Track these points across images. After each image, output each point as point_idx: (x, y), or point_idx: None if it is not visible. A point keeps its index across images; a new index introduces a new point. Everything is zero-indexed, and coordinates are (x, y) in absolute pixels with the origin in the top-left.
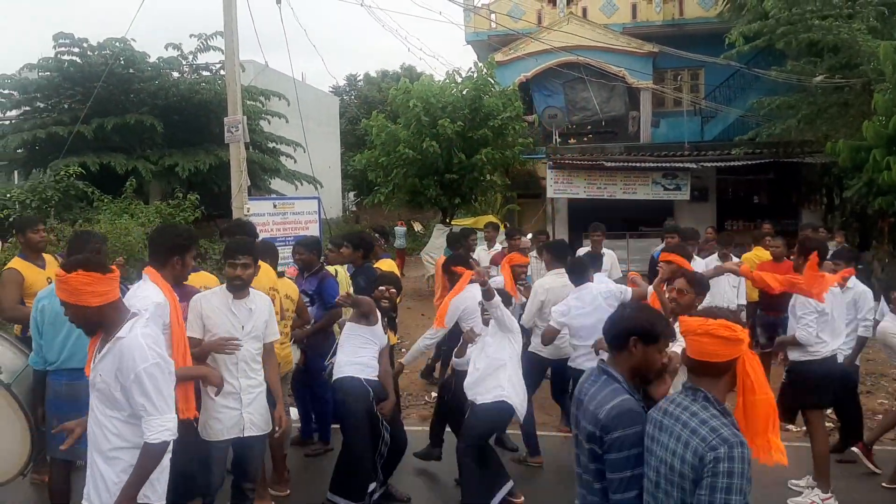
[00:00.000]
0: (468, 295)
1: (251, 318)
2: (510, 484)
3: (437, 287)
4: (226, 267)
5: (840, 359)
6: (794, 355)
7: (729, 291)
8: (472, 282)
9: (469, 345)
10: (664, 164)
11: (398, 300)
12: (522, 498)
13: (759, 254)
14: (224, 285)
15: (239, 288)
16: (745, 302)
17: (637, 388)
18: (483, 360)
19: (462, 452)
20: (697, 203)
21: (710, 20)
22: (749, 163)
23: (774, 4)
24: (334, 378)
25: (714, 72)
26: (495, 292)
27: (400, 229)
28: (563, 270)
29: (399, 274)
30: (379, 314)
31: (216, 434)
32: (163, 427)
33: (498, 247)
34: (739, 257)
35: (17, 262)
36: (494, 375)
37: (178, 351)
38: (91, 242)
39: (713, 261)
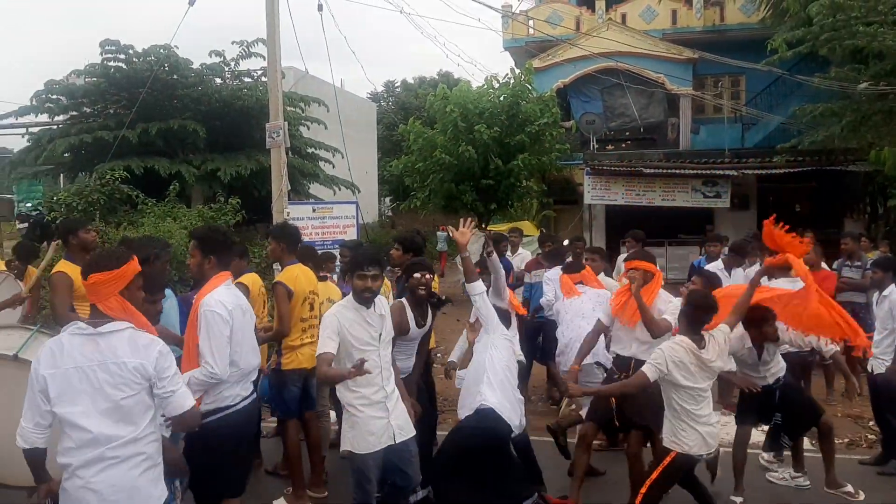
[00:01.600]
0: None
1: (383, 324)
2: None
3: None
4: (355, 279)
5: (881, 369)
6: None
7: None
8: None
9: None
10: (704, 171)
11: (436, 285)
12: None
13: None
14: (349, 297)
15: (369, 300)
16: None
17: None
18: (470, 368)
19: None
20: (738, 211)
21: (751, 26)
22: (791, 171)
23: (818, 10)
24: None
25: (755, 78)
26: (476, 275)
27: (441, 234)
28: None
29: (440, 275)
30: (411, 316)
31: (370, 446)
32: None
33: (528, 253)
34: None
35: (64, 266)
36: (475, 384)
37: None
38: (153, 248)
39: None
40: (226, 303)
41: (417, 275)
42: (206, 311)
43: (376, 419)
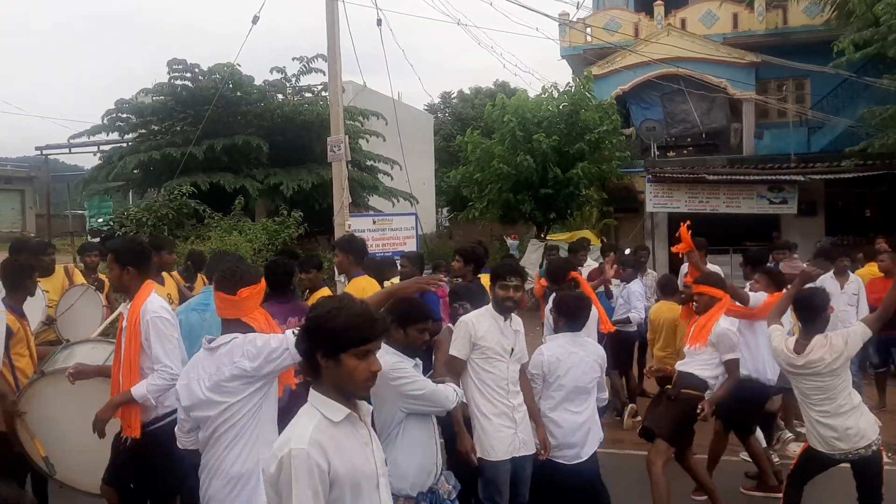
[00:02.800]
0: None
1: (517, 340)
2: None
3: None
4: (496, 289)
5: None
6: None
7: (847, 310)
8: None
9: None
10: (770, 177)
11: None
12: None
13: (873, 270)
14: (488, 306)
15: (510, 309)
16: None
17: None
18: None
19: None
20: (805, 217)
21: (815, 28)
22: (860, 175)
23: (885, 10)
24: None
25: (821, 81)
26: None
27: (513, 242)
28: None
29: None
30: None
31: (499, 454)
32: None
33: (593, 263)
34: (853, 272)
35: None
36: None
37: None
38: (228, 262)
39: (827, 279)
40: (167, 307)
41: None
42: (153, 317)
43: (504, 428)
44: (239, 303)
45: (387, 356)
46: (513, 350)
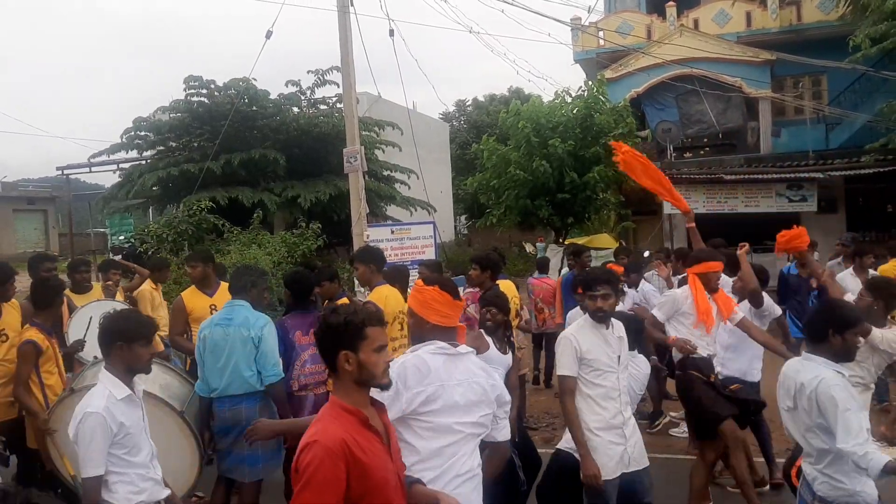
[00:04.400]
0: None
1: (622, 346)
2: None
3: (557, 304)
4: (586, 300)
5: None
6: None
7: None
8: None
9: None
10: (788, 175)
11: (512, 318)
12: None
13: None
14: (586, 317)
15: (602, 318)
16: None
17: None
18: None
19: None
20: (825, 214)
21: (830, 24)
22: (881, 170)
23: None
24: None
25: (837, 77)
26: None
27: (540, 245)
28: None
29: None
30: (489, 339)
31: (609, 472)
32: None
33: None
34: (876, 269)
35: (186, 291)
36: None
37: None
38: (250, 276)
39: (847, 276)
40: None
41: (483, 309)
42: None
43: (614, 445)
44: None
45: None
46: (619, 358)
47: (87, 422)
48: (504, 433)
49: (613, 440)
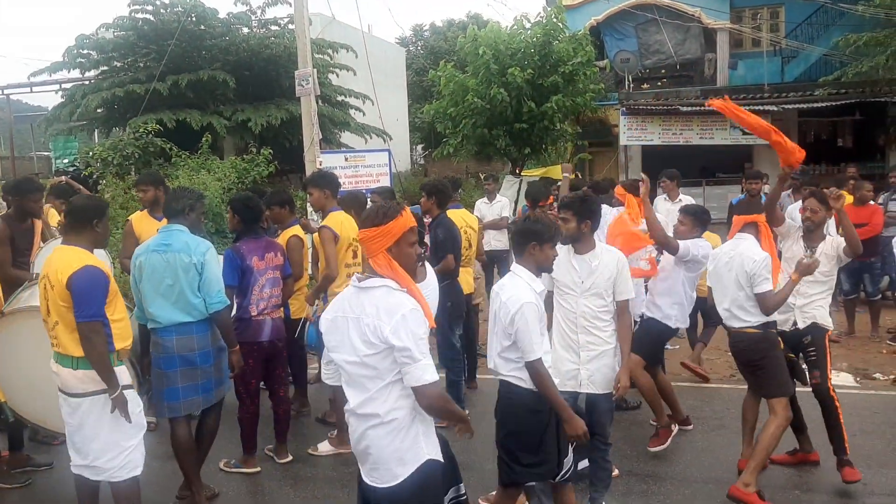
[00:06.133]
0: None
1: (591, 275)
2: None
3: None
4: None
5: None
6: None
7: None
8: None
9: None
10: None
11: (465, 248)
12: None
13: (848, 199)
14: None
15: (564, 240)
16: None
17: None
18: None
19: None
20: None
21: None
22: (833, 104)
23: None
24: None
25: (795, 9)
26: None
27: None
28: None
29: None
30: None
31: (559, 384)
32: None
33: (506, 201)
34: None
35: (135, 215)
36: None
37: None
38: (188, 199)
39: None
40: None
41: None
42: None
43: (568, 362)
44: (361, 242)
45: None
46: (582, 283)
47: (526, 311)
48: (411, 378)
49: (569, 357)
